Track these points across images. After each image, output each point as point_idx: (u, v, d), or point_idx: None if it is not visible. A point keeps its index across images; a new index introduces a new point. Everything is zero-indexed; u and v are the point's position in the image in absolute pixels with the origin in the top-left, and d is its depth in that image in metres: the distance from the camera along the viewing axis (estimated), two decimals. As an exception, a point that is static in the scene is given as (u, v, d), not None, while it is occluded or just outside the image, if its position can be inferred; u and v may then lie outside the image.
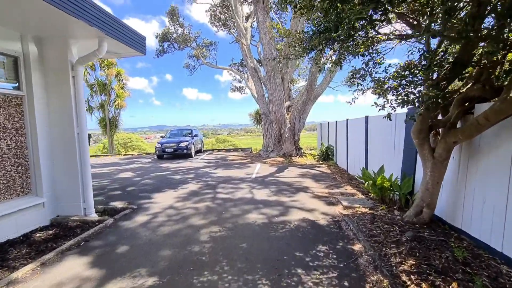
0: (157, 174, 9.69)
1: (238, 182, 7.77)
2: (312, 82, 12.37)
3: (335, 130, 11.37)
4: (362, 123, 7.54)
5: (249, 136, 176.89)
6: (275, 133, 13.53)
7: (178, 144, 14.47)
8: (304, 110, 13.50)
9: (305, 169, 9.97)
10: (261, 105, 14.27)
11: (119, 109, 22.52)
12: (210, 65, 17.12)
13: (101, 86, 20.99)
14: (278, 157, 13.23)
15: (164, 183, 7.98)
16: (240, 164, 11.69)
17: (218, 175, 9.03)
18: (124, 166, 12.17)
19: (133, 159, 15.84)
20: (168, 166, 11.77)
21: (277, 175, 8.95)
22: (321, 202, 5.58)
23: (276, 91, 12.40)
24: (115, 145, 34.68)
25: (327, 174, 8.93)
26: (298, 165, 11.18)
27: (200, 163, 12.56)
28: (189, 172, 9.80)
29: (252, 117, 26.14)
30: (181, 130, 16.95)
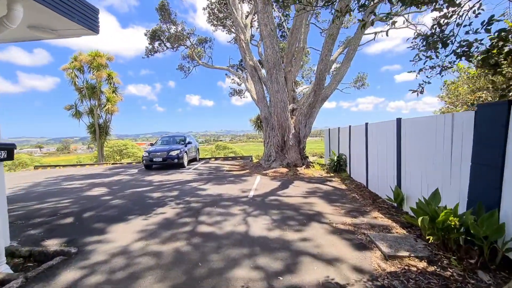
0: (134, 191, 7.97)
1: (230, 205, 6.01)
2: (320, 81, 10.69)
3: (348, 137, 9.63)
4: (390, 127, 5.81)
5: (251, 142, 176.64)
6: (277, 140, 11.81)
7: (168, 152, 12.79)
8: (311, 113, 11.79)
9: (314, 184, 8.20)
10: (262, 108, 12.62)
11: (110, 114, 20.98)
12: (206, 65, 15.59)
13: (90, 89, 19.51)
14: (281, 167, 11.48)
15: (136, 205, 6.25)
16: (237, 177, 9.94)
17: (207, 193, 7.29)
18: (102, 179, 10.49)
19: (119, 169, 14.17)
20: (153, 179, 10.06)
21: (280, 192, 7.18)
22: (345, 243, 3.81)
23: (278, 92, 10.74)
24: (110, 153, 33.17)
25: (343, 191, 7.15)
26: (305, 178, 9.42)
27: (191, 175, 10.84)
28: (173, 188, 8.07)
29: (253, 122, 24.53)
30: (173, 137, 15.29)
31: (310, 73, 20.78)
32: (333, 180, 8.90)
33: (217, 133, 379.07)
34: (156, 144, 14.89)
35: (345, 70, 12.00)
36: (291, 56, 11.91)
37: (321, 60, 10.44)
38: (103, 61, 19.40)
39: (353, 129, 9.06)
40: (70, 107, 19.79)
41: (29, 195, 7.82)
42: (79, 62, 19.16)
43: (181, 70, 17.15)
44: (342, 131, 10.93)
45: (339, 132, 11.36)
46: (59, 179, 10.87)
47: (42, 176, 11.94)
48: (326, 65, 10.57)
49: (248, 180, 9.25)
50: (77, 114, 19.85)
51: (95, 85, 19.72)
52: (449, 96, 19.00)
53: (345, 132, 10.22)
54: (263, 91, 12.61)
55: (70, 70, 19.19)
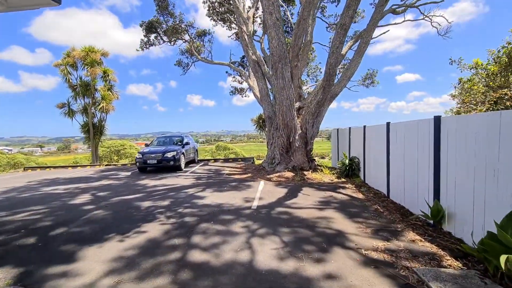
0: (121, 199, 6.99)
1: (231, 219, 5.02)
2: (330, 77, 9.70)
3: (362, 138, 8.64)
4: (424, 127, 4.82)
5: (252, 142, 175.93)
6: (282, 141, 10.83)
7: (163, 154, 11.81)
8: (319, 112, 10.79)
9: (326, 192, 7.21)
10: (265, 106, 11.63)
11: (105, 113, 20.01)
12: (206, 61, 14.62)
13: (83, 87, 18.55)
14: (286, 171, 10.49)
15: (119, 218, 5.27)
16: (238, 182, 8.96)
17: (205, 202, 6.30)
18: (90, 184, 9.51)
19: (112, 171, 13.20)
20: (145, 184, 9.08)
21: (289, 202, 6.19)
22: (387, 284, 2.81)
23: (284, 88, 9.75)
24: (107, 153, 32.22)
25: (361, 202, 6.16)
26: (315, 184, 8.43)
27: (188, 179, 9.85)
28: (166, 196, 7.09)
29: (255, 122, 23.56)
30: (170, 137, 14.31)
31: (316, 71, 19.81)
32: (347, 187, 7.91)
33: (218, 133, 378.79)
34: (152, 144, 13.91)
35: (356, 65, 11.00)
36: (297, 50, 10.93)
37: (331, 53, 9.45)
38: (97, 57, 18.44)
39: (369, 130, 8.07)
40: (63, 105, 18.82)
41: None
42: (72, 58, 18.21)
43: (179, 66, 16.18)
44: (354, 132, 9.94)
45: (350, 132, 10.37)
46: (42, 184, 9.90)
47: (26, 180, 10.97)
48: (337, 59, 9.59)
49: (251, 186, 8.27)
50: (70, 112, 18.87)
51: (89, 83, 18.76)
52: (462, 95, 17.94)
53: (358, 132, 9.23)
54: (267, 88, 11.63)
55: (63, 66, 18.24)
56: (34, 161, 37.09)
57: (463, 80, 17.14)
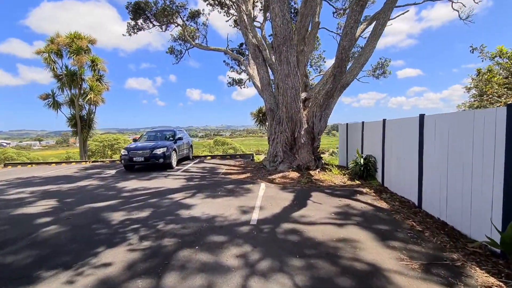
0: (91, 207, 5.71)
1: (222, 243, 3.75)
2: (342, 63, 8.35)
3: (381, 134, 7.36)
4: (482, 120, 3.53)
5: (251, 137, 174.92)
6: (286, 137, 9.53)
7: (151, 151, 10.51)
8: (328, 104, 9.48)
9: (341, 199, 5.95)
10: (267, 97, 10.30)
11: (94, 105, 18.61)
12: (201, 47, 13.20)
13: (69, 76, 17.11)
14: (291, 171, 9.23)
15: (73, 240, 4.00)
16: (236, 185, 7.69)
17: (192, 214, 5.04)
18: (62, 185, 8.23)
19: (97, 169, 11.92)
20: (126, 186, 7.81)
21: (297, 215, 4.93)
22: None
23: (289, 76, 8.41)
24: (100, 148, 30.93)
25: (388, 214, 4.90)
26: (325, 187, 7.17)
27: (178, 180, 8.58)
28: (146, 204, 5.82)
29: (254, 116, 22.21)
30: (161, 132, 12.99)
31: (320, 61, 18.38)
32: (364, 192, 6.65)
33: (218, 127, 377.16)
34: (141, 139, 12.60)
35: (371, 50, 9.63)
36: (304, 32, 9.54)
37: (344, 34, 8.08)
38: (84, 44, 16.95)
39: (391, 124, 6.77)
40: (46, 96, 17.40)
41: None
42: (56, 45, 16.73)
43: (172, 53, 14.72)
44: (369, 127, 8.65)
45: (364, 127, 9.08)
46: (11, 184, 8.61)
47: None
48: (351, 41, 8.22)
49: (250, 190, 7.00)
50: (55, 104, 17.45)
51: (76, 72, 17.31)
52: (479, 87, 16.52)
53: (375, 127, 7.94)
54: (268, 77, 10.28)
55: (46, 54, 16.76)
56: (25, 156, 35.78)
57: (482, 71, 15.78)
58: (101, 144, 30.34)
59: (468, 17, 12.70)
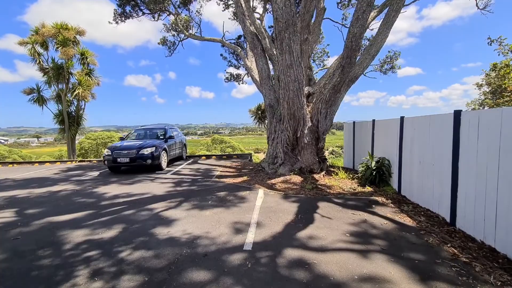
0: (48, 223, 4.69)
1: (204, 285, 2.74)
2: (352, 53, 7.31)
3: (397, 134, 6.36)
4: None
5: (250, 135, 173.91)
6: (287, 136, 8.51)
7: (138, 150, 9.47)
8: (334, 100, 8.46)
9: (354, 212, 4.94)
10: (266, 92, 9.26)
11: (83, 101, 17.53)
12: (194, 37, 12.13)
13: (55, 70, 15.99)
14: (292, 174, 8.23)
15: (4, 275, 2.99)
16: (230, 191, 6.67)
17: (170, 234, 4.03)
18: (33, 190, 7.20)
19: (79, 170, 10.89)
20: (105, 192, 6.79)
21: (304, 236, 3.92)
22: None
23: (291, 66, 7.37)
24: (93, 145, 29.80)
25: (418, 235, 3.90)
26: (333, 195, 6.16)
27: (165, 185, 7.57)
28: (119, 218, 4.81)
29: (253, 113, 21.18)
30: (151, 129, 11.95)
31: (323, 55, 17.32)
32: (379, 201, 5.64)
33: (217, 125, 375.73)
34: (128, 138, 11.56)
35: (383, 40, 8.58)
36: (308, 18, 8.49)
37: (355, 20, 7.06)
38: (71, 35, 15.83)
39: (411, 123, 5.76)
40: (31, 91, 16.28)
41: None
42: (41, 36, 15.60)
43: (164, 44, 13.64)
44: (381, 126, 7.64)
45: (375, 126, 8.07)
46: (-25, 188, 7.59)
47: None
48: (362, 28, 7.20)
49: (246, 198, 5.98)
50: (40, 99, 16.35)
51: (62, 65, 16.20)
52: (491, 84, 15.46)
53: (390, 126, 6.93)
54: (268, 69, 9.24)
55: (30, 45, 15.65)
56: (17, 154, 34.66)
57: (498, 65, 14.74)
58: (95, 142, 29.23)
59: (485, 6, 11.65)
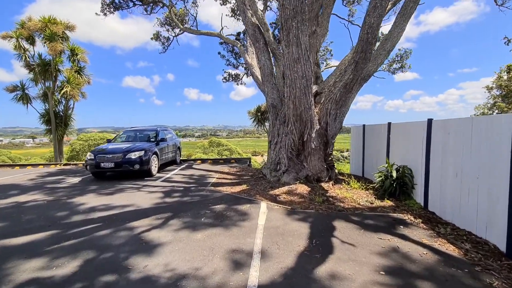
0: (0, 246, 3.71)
1: None
2: (367, 47, 6.43)
3: (423, 139, 5.46)
4: None
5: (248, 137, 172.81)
6: (292, 140, 7.59)
7: (124, 154, 8.47)
8: (345, 100, 7.58)
9: (379, 235, 4.00)
10: (268, 91, 8.34)
11: (72, 100, 16.47)
12: (190, 31, 11.21)
13: (41, 66, 14.95)
14: (298, 183, 7.29)
15: None
16: (227, 205, 5.70)
17: (148, 271, 3.05)
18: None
19: (59, 175, 9.86)
20: (81, 204, 5.79)
21: (325, 275, 2.96)
22: None
23: (299, 61, 6.46)
24: (85, 147, 28.62)
25: (473, 274, 2.97)
26: (349, 211, 5.21)
27: (152, 195, 6.59)
28: (87, 242, 3.83)
29: (252, 115, 20.23)
30: (141, 131, 10.95)
31: (326, 53, 16.49)
32: (406, 220, 4.71)
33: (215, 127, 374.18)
34: (116, 140, 10.55)
35: (399, 34, 7.72)
36: (317, 8, 7.61)
37: (372, 8, 6.20)
38: (59, 29, 14.82)
39: (442, 126, 4.85)
40: (14, 88, 15.20)
41: None
42: (26, 30, 14.58)
43: (157, 40, 12.71)
44: (399, 130, 6.73)
45: (391, 130, 7.17)
46: None
47: None
48: (380, 17, 6.34)
49: (247, 214, 5.02)
50: (24, 98, 15.28)
51: (49, 62, 15.16)
52: (505, 86, 14.68)
53: (411, 130, 6.03)
54: (271, 65, 8.33)
55: (14, 39, 14.61)
56: (5, 155, 33.38)
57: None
58: (86, 143, 28.08)
59: (504, 3, 10.90)
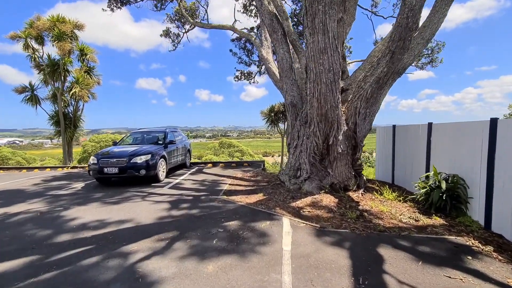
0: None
1: None
2: (408, 33, 5.42)
3: (485, 144, 4.41)
4: None
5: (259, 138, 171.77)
6: (315, 144, 6.65)
7: (129, 158, 7.77)
8: (377, 98, 6.58)
9: (445, 271, 3.01)
10: (288, 87, 7.43)
11: (82, 101, 16.13)
12: (201, 25, 10.45)
13: (50, 67, 14.64)
14: (323, 193, 6.35)
15: None
16: (242, 221, 4.83)
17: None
18: (-11, 211, 5.57)
19: (64, 180, 9.31)
20: (76, 217, 5.08)
21: None
22: None
23: (325, 51, 5.53)
24: (97, 149, 28.58)
25: None
26: (392, 232, 4.22)
27: (157, 206, 5.81)
28: (68, 275, 3.04)
29: (265, 115, 19.32)
30: (149, 133, 10.27)
31: (345, 51, 15.34)
32: (471, 246, 3.69)
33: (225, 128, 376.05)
34: (122, 142, 9.91)
35: (440, 20, 6.66)
36: (345, -8, 6.66)
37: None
38: (68, 28, 14.46)
39: (510, 126, 3.80)
40: (23, 89, 14.96)
41: None
42: (35, 30, 14.29)
43: (167, 36, 12.06)
44: (445, 131, 5.66)
45: (432, 131, 6.10)
46: None
47: None
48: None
49: (267, 235, 4.13)
50: (34, 99, 15.01)
51: (58, 62, 14.83)
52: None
53: (463, 132, 4.96)
54: (291, 58, 7.42)
55: (23, 39, 14.36)
56: (20, 156, 33.93)
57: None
58: (98, 144, 28.02)
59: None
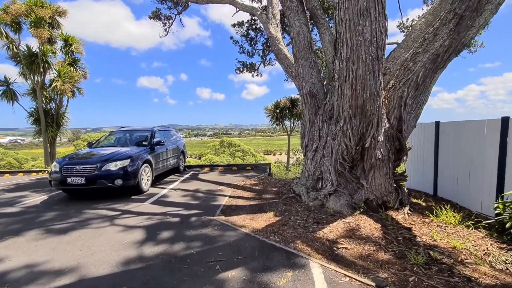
0: None
1: None
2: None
3: None
4: None
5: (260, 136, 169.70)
6: (344, 146, 4.89)
7: (101, 165, 6.03)
8: (429, 83, 4.84)
9: None
10: (305, 71, 5.68)
11: (66, 97, 14.43)
12: (194, 0, 8.71)
13: (27, 58, 12.92)
14: (358, 214, 4.61)
15: None
16: (248, 267, 3.11)
17: None
18: None
19: (26, 190, 7.63)
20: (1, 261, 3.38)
21: None
22: None
23: (368, 14, 3.80)
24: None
25: None
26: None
27: (126, 235, 4.10)
28: None
29: (269, 112, 17.56)
30: (133, 133, 8.53)
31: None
32: None
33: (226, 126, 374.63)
34: (99, 143, 8.17)
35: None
36: None
37: None
38: (46, 14, 12.74)
39: None
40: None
41: None
42: (9, 15, 12.59)
43: (157, 19, 10.32)
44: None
45: (510, 129, 4.35)
46: None
47: None
48: None
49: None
50: (9, 94, 13.32)
51: (36, 52, 13.13)
52: None
53: None
54: (309, 33, 5.65)
55: (-4, 26, 12.66)
56: (12, 156, 32.38)
57: None
58: (91, 144, 26.40)
59: None
